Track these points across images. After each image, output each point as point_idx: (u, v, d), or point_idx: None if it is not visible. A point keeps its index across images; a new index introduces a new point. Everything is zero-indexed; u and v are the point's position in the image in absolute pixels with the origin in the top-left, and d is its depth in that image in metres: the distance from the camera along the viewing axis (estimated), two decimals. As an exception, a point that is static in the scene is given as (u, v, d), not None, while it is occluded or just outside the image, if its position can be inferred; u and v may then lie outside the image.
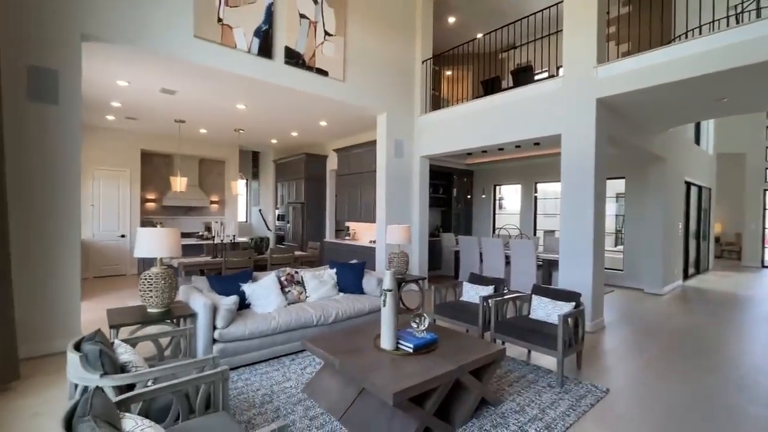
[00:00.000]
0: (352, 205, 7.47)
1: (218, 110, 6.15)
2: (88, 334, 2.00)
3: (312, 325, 3.52)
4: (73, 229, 3.55)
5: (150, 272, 2.93)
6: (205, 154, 9.04)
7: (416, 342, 2.51)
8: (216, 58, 4.30)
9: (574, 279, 4.37)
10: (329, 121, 6.83)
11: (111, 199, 7.62)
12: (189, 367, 1.92)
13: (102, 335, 2.07)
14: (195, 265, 5.07)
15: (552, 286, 3.64)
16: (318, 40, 5.19)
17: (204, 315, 2.97)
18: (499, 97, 5.36)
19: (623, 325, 4.66)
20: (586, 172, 4.33)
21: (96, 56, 4.11)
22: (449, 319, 3.81)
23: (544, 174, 8.52)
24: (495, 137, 5.41)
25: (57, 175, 3.45)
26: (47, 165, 3.41)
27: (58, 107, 3.44)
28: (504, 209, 9.96)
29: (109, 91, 5.24)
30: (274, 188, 10.11)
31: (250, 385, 2.84)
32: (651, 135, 5.91)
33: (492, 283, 3.93)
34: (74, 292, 3.55)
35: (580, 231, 4.35)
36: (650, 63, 3.85)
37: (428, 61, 6.52)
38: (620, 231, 9.13)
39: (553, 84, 4.70)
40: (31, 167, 3.34)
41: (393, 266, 4.74)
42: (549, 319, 3.26)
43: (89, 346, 1.84)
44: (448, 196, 9.29)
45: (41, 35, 3.36)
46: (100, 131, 7.37)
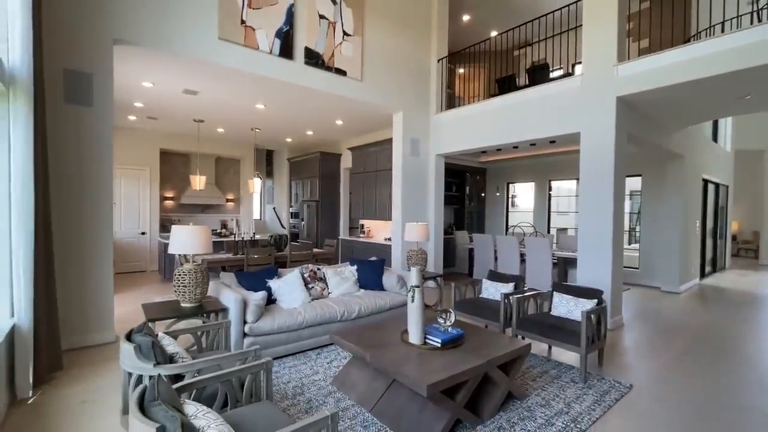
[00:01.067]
0: (367, 203, 7.55)
1: (237, 110, 6.27)
2: (136, 327, 2.11)
3: (336, 320, 3.61)
4: (107, 228, 3.69)
5: (183, 268, 3.04)
6: (221, 153, 9.19)
7: (444, 337, 2.58)
8: (239, 59, 4.39)
9: (592, 277, 4.39)
10: (345, 120, 6.90)
11: (131, 198, 7.81)
12: (233, 359, 2.02)
13: (149, 328, 2.17)
14: (217, 261, 5.20)
15: (572, 284, 3.68)
16: (337, 40, 5.26)
17: (235, 309, 3.08)
18: (516, 96, 5.38)
19: (642, 323, 4.68)
20: (605, 170, 4.34)
21: (124, 59, 4.23)
22: (469, 315, 3.87)
23: (559, 171, 8.50)
24: (512, 135, 5.44)
25: (92, 175, 3.59)
26: (83, 165, 3.54)
27: (93, 109, 3.57)
28: (517, 207, 9.96)
29: (134, 92, 5.38)
30: (288, 186, 10.23)
31: (280, 378, 2.94)
32: (669, 132, 5.88)
33: (512, 281, 3.98)
34: (108, 288, 3.69)
35: (599, 229, 4.37)
36: (670, 61, 3.84)
37: (444, 59, 6.55)
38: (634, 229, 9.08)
39: (572, 82, 4.71)
40: (69, 168, 3.47)
41: (412, 263, 4.81)
42: (571, 316, 3.30)
43: (141, 338, 1.95)
44: (461, 194, 9.32)
45: (76, 40, 3.48)
46: (121, 131, 7.55)
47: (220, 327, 2.56)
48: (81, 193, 3.54)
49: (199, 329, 2.52)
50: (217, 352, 2.48)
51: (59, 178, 3.41)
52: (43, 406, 2.47)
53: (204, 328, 2.54)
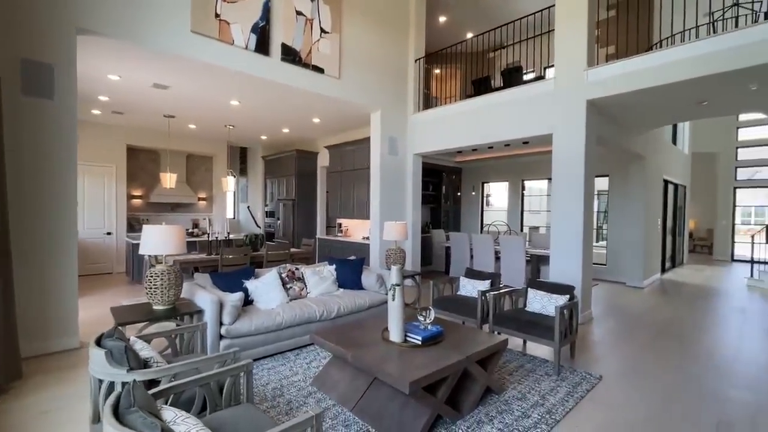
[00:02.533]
0: (345, 201, 7.51)
1: (211, 106, 6.09)
2: (107, 331, 2.02)
3: (315, 320, 3.58)
4: (70, 227, 3.51)
5: (155, 270, 2.93)
6: (192, 150, 8.89)
7: (424, 334, 2.61)
8: (213, 54, 4.27)
9: (564, 273, 4.56)
10: (322, 118, 6.84)
11: (96, 196, 7.43)
12: (211, 362, 1.96)
13: (120, 332, 2.08)
14: (190, 262, 5.03)
15: (545, 280, 3.80)
16: (314, 37, 5.20)
17: (211, 311, 2.99)
18: (491, 97, 5.50)
19: (610, 316, 4.90)
20: (576, 171, 4.52)
21: (88, 49, 4.01)
22: (447, 312, 3.93)
23: (532, 171, 8.76)
24: (487, 136, 5.56)
25: (54, 171, 3.40)
26: (44, 161, 3.34)
27: (54, 102, 3.37)
28: (492, 206, 10.19)
29: (99, 85, 5.12)
30: (263, 185, 10.03)
31: (258, 380, 2.88)
32: (634, 135, 6.18)
33: (488, 278, 4.07)
34: (72, 291, 3.50)
35: (570, 227, 4.54)
36: (635, 68, 4.04)
37: (421, 59, 6.60)
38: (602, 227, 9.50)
39: (545, 85, 4.86)
40: (27, 164, 3.27)
41: (391, 262, 4.83)
42: (545, 311, 3.42)
43: (112, 343, 1.86)
44: (438, 193, 9.44)
45: (36, 29, 3.28)
46: (85, 126, 7.15)
47: (196, 329, 2.49)
48: (42, 191, 3.34)
49: (174, 332, 2.43)
50: (194, 355, 2.41)
51: (16, 174, 3.20)
52: (1, 416, 2.32)
53: (179, 331, 2.46)
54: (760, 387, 2.93)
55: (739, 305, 5.61)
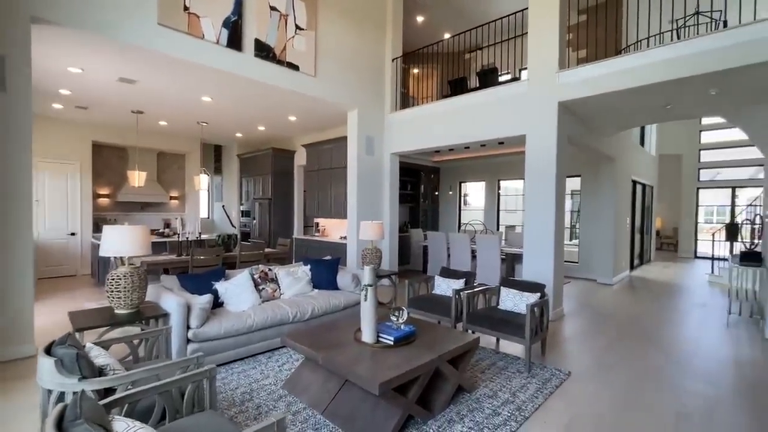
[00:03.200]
0: (322, 201, 7.43)
1: (182, 102, 5.89)
2: (59, 338, 1.90)
3: (288, 321, 3.51)
4: (24, 229, 3.31)
5: (117, 272, 2.80)
6: (164, 147, 8.60)
7: (396, 334, 2.60)
8: (182, 48, 4.12)
9: (537, 271, 4.65)
10: (299, 116, 6.74)
11: (59, 195, 7.07)
12: (173, 367, 1.88)
13: (74, 339, 1.97)
14: (159, 263, 4.85)
15: (518, 279, 3.86)
16: (289, 33, 5.10)
17: (177, 314, 2.89)
18: (467, 98, 5.55)
19: (580, 313, 5.04)
20: (548, 171, 4.61)
21: (44, 39, 3.79)
22: (422, 312, 3.94)
23: (507, 171, 8.91)
24: (463, 136, 5.61)
25: (6, 168, 3.19)
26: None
27: (6, 95, 3.17)
28: (469, 205, 10.31)
29: (59, 77, 4.86)
30: (238, 183, 9.80)
31: (227, 384, 2.80)
32: (604, 137, 6.37)
33: (463, 277, 4.11)
34: (26, 296, 3.30)
35: (543, 226, 4.63)
36: (604, 71, 4.16)
37: (398, 59, 6.60)
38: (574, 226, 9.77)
39: (519, 87, 4.94)
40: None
41: (366, 262, 4.80)
42: (516, 309, 3.47)
43: (63, 350, 1.76)
44: (416, 192, 9.47)
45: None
46: (45, 121, 6.80)
47: (159, 334, 2.39)
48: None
49: (136, 337, 2.33)
50: (157, 361, 2.31)
51: (-36, 172, 3.00)
52: (-58, 433, 2.16)
53: (141, 336, 2.35)
54: (718, 380, 3.06)
55: (700, 301, 5.87)
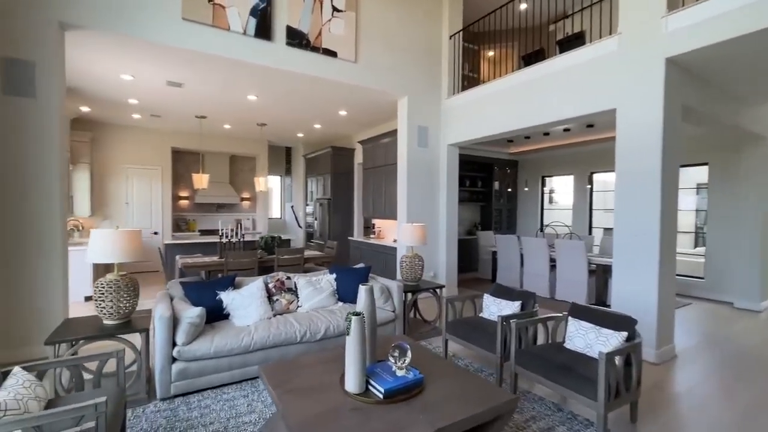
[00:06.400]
0: (377, 200, 6.90)
1: (231, 103, 5.88)
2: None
3: (295, 341, 3.01)
4: (54, 228, 3.36)
5: (105, 279, 2.59)
6: (235, 151, 8.97)
7: (390, 385, 1.88)
8: (207, 42, 3.93)
9: (631, 292, 3.42)
10: (348, 110, 6.29)
11: (144, 198, 7.78)
12: (64, 417, 1.47)
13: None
14: (198, 265, 4.82)
15: (597, 307, 2.77)
16: (325, 17, 4.65)
17: (161, 328, 2.57)
18: (539, 68, 4.45)
19: (704, 353, 3.60)
20: (649, 156, 3.34)
21: (90, 48, 3.92)
22: (462, 340, 3.09)
23: (601, 162, 7.29)
24: (534, 117, 4.51)
25: (36, 170, 3.27)
26: (26, 161, 3.23)
27: (36, 101, 3.25)
28: (555, 204, 8.79)
29: (119, 87, 5.15)
30: (304, 184, 9.85)
31: (205, 416, 2.39)
32: (746, 106, 4.60)
33: (519, 298, 3.14)
34: (56, 292, 3.36)
35: (642, 230, 3.38)
36: (745, 1, 2.78)
37: (457, 34, 5.70)
38: (701, 229, 7.59)
39: (607, 45, 3.72)
40: (10, 163, 3.17)
41: (404, 271, 4.09)
42: (589, 352, 2.43)
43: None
44: (488, 189, 8.37)
45: (18, 26, 3.17)
46: (129, 130, 7.52)
47: (110, 357, 2.05)
48: (24, 190, 3.23)
49: (84, 360, 2.02)
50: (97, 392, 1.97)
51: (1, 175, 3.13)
52: None
53: (91, 359, 2.03)
54: None
55: None
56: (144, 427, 2.28)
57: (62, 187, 3.41)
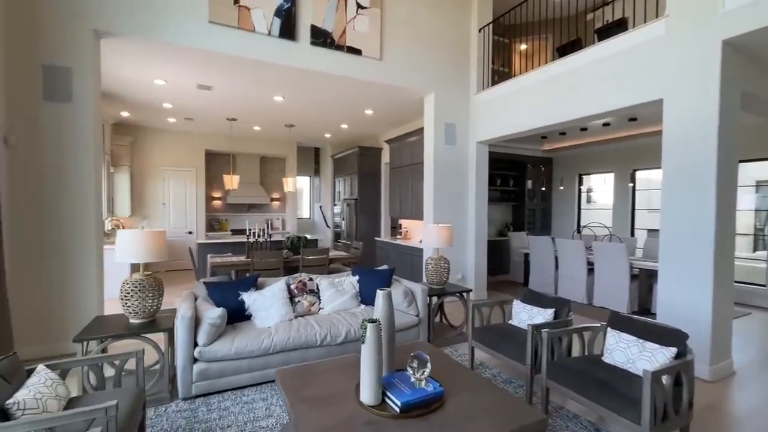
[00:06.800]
0: (403, 200, 6.77)
1: (259, 104, 5.96)
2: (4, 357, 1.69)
3: (315, 344, 2.95)
4: (88, 228, 3.48)
5: (131, 278, 2.64)
6: (265, 152, 9.14)
7: (408, 398, 1.76)
8: (232, 44, 3.97)
9: (680, 300, 3.10)
10: (374, 109, 6.21)
11: (179, 198, 8.08)
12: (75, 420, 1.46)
13: (12, 360, 1.74)
14: (226, 265, 4.90)
15: (641, 319, 2.51)
16: (349, 14, 4.59)
17: (182, 329, 2.59)
18: (577, 58, 4.16)
19: (767, 369, 3.20)
20: (703, 150, 3.01)
21: (125, 55, 4.06)
22: (489, 349, 2.91)
23: (645, 158, 6.78)
24: (572, 111, 4.22)
25: (73, 172, 3.41)
26: (63, 163, 3.38)
27: (72, 105, 3.39)
28: (594, 203, 8.29)
29: (154, 91, 5.33)
30: (332, 184, 9.89)
31: (224, 419, 2.37)
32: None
33: (552, 305, 2.92)
34: (91, 290, 3.49)
35: (693, 232, 3.05)
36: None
37: (487, 27, 5.47)
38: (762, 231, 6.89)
39: (653, 30, 3.40)
40: (49, 165, 3.33)
41: (428, 274, 3.94)
42: (631, 368, 2.19)
43: (-29, 380, 1.50)
44: (521, 188, 8.03)
45: (55, 33, 3.33)
46: (166, 133, 7.83)
47: (130, 357, 2.06)
48: (62, 191, 3.38)
49: (104, 359, 2.05)
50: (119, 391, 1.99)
51: (39, 178, 3.29)
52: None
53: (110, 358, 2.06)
54: None
55: None
56: (164, 426, 2.29)
57: (96, 188, 3.55)
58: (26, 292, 3.26)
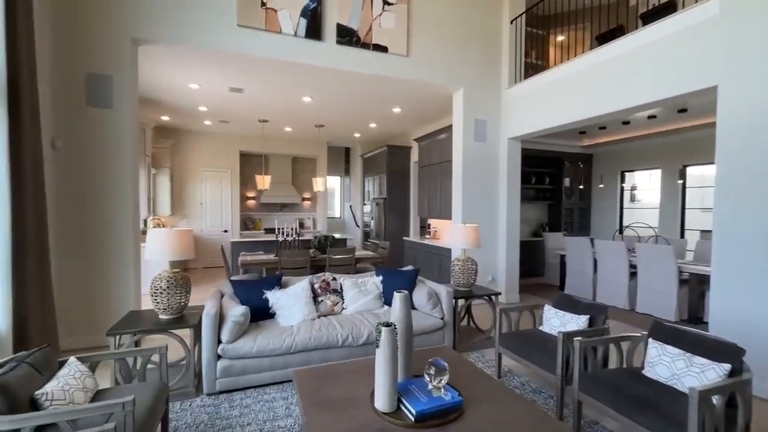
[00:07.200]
0: (432, 199, 6.65)
1: (288, 105, 6.06)
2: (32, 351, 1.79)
3: (336, 345, 2.92)
4: (128, 226, 3.65)
5: (159, 276, 2.73)
6: (296, 153, 9.31)
7: (424, 407, 1.68)
8: (260, 45, 4.03)
9: (735, 310, 2.78)
10: (402, 107, 6.13)
11: (215, 198, 8.40)
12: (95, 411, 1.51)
13: (45, 352, 1.83)
14: (255, 263, 5.01)
15: (689, 330, 2.27)
16: (375, 12, 4.54)
17: (207, 326, 2.65)
18: (619, 45, 3.87)
19: (843, 392, 2.81)
20: (763, 143, 2.69)
21: (161, 62, 4.25)
22: (517, 356, 2.76)
23: (697, 153, 6.23)
24: (612, 103, 3.94)
25: (113, 176, 3.60)
26: (104, 166, 3.57)
27: (112, 111, 3.58)
28: (638, 202, 7.76)
29: (189, 96, 5.55)
30: (361, 183, 9.91)
31: (244, 416, 2.39)
32: None
33: (587, 312, 2.71)
34: (128, 286, 3.67)
35: (751, 234, 2.73)
36: None
37: (519, 18, 5.24)
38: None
39: (705, 9, 3.09)
40: (92, 169, 3.53)
41: (455, 275, 3.81)
42: (676, 385, 1.98)
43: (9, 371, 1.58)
44: (557, 186, 7.66)
45: (97, 43, 3.52)
46: (202, 136, 8.15)
47: (153, 353, 2.12)
48: (103, 192, 3.57)
49: (129, 354, 2.12)
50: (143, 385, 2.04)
51: (82, 179, 3.50)
52: None
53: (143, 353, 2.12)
54: None
55: None
56: (188, 420, 2.34)
57: (134, 189, 3.72)
58: (70, 287, 3.47)
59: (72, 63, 3.45)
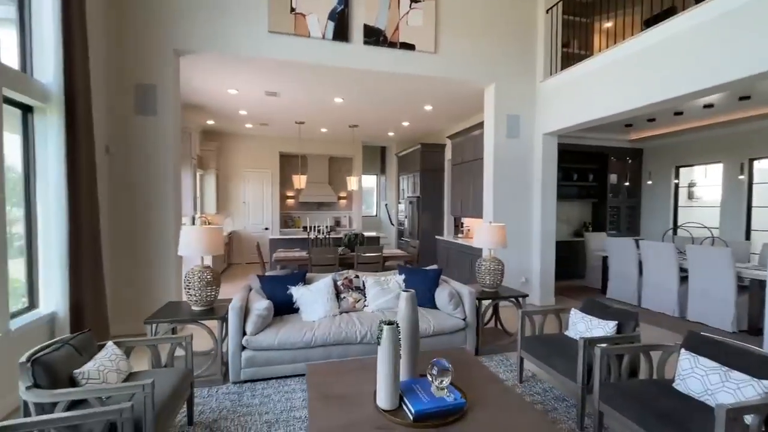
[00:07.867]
0: (465, 197, 6.52)
1: (321, 107, 6.22)
2: (75, 334, 2.01)
3: (355, 341, 2.98)
4: (170, 222, 3.95)
5: (191, 270, 2.94)
6: (332, 153, 9.53)
7: (424, 406, 1.67)
8: (289, 50, 4.19)
9: (799, 324, 2.47)
10: (433, 104, 6.07)
11: (257, 197, 8.83)
12: (121, 391, 1.67)
13: (86, 336, 2.05)
14: (288, 259, 5.21)
15: (729, 342, 2.06)
16: (402, 10, 4.53)
17: (233, 318, 2.81)
18: (670, 26, 3.49)
19: None
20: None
21: (202, 69, 4.55)
22: (538, 361, 2.65)
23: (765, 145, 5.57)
24: (662, 91, 3.57)
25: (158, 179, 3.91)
26: (150, 169, 3.89)
27: (156, 117, 3.89)
28: (697, 200, 7.09)
29: (229, 100, 5.88)
30: (396, 182, 9.93)
31: (264, 405, 2.52)
32: None
33: (616, 318, 2.54)
34: (170, 277, 3.97)
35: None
36: None
37: (556, 6, 4.98)
38: None
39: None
40: (138, 172, 3.87)
41: (480, 277, 3.73)
42: (709, 401, 1.81)
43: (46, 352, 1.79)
44: (602, 183, 7.21)
45: (144, 55, 3.84)
46: (245, 138, 8.59)
47: (180, 341, 2.29)
48: (148, 193, 3.90)
49: (157, 341, 2.30)
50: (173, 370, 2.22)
51: (130, 181, 3.84)
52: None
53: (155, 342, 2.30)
54: None
55: None
56: (212, 406, 2.51)
57: (176, 189, 4.03)
58: (120, 278, 3.83)
59: (121, 74, 3.80)
